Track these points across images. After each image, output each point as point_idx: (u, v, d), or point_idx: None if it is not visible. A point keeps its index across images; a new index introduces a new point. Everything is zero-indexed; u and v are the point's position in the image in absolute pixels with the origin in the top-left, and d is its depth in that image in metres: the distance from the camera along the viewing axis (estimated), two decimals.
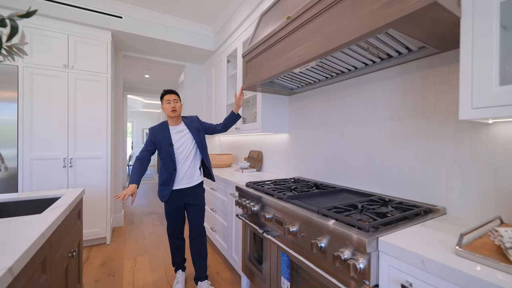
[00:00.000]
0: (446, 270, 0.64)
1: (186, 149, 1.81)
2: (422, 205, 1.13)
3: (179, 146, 1.79)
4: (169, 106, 1.77)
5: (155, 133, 1.80)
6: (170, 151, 1.77)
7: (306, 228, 1.10)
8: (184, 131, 1.84)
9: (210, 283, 1.92)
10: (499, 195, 0.94)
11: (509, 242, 0.63)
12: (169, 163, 1.77)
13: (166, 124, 1.83)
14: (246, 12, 2.39)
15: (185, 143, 1.81)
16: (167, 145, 1.77)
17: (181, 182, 1.81)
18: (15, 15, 0.76)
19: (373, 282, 0.82)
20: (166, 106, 1.78)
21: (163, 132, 1.79)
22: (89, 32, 2.53)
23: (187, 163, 1.82)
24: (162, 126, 1.83)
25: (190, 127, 1.85)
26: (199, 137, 1.86)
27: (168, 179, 1.78)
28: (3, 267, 0.62)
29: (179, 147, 1.79)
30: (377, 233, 0.85)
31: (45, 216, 1.04)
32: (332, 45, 1.06)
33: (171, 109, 1.77)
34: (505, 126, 0.93)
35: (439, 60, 1.13)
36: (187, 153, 1.81)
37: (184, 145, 1.81)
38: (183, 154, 1.80)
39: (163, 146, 1.77)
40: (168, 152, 1.77)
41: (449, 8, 0.77)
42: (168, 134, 1.79)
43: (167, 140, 1.78)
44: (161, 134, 1.79)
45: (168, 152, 1.77)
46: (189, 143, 1.82)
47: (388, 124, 1.36)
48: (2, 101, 2.20)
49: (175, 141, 1.79)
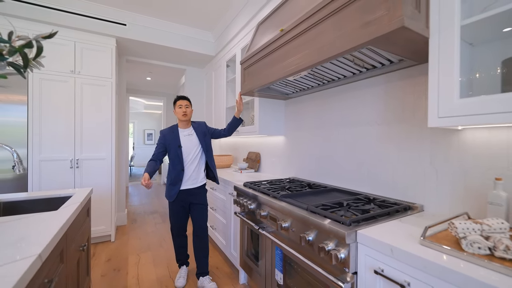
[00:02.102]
0: (409, 256, 0.75)
1: (193, 151, 1.93)
2: (402, 203, 1.24)
3: (186, 148, 1.92)
4: (181, 111, 1.92)
5: (165, 135, 1.95)
6: (179, 152, 1.89)
7: (297, 223, 1.21)
8: (192, 134, 1.97)
9: (211, 278, 2.03)
10: (467, 193, 1.05)
11: (462, 233, 0.74)
12: (177, 163, 1.90)
13: (176, 127, 1.98)
14: (245, 20, 2.51)
15: (192, 145, 1.94)
16: (176, 146, 1.90)
17: (188, 182, 1.93)
18: (40, 37, 0.88)
19: (352, 269, 0.93)
20: (178, 111, 1.93)
21: (172, 134, 1.93)
22: (95, 39, 2.65)
23: (194, 165, 1.94)
24: (172, 128, 1.97)
25: (197, 131, 1.99)
26: (204, 141, 1.98)
27: (176, 178, 1.90)
28: (35, 253, 0.74)
29: (187, 149, 1.92)
30: (357, 227, 0.96)
31: (61, 213, 1.16)
32: (321, 58, 1.18)
33: (182, 113, 1.92)
34: (472, 132, 1.04)
35: (418, 70, 1.24)
36: (193, 155, 1.94)
37: (191, 147, 1.93)
38: (190, 156, 1.92)
39: (172, 147, 1.91)
40: (176, 153, 1.90)
41: (418, 31, 0.88)
42: (177, 136, 1.93)
43: (176, 141, 1.91)
44: (171, 136, 1.93)
45: (176, 153, 1.90)
46: (196, 146, 1.95)
47: (374, 128, 1.47)
48: (13, 104, 2.32)
49: (183, 143, 1.92)
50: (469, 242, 0.71)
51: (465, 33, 0.90)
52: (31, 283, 0.70)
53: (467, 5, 0.97)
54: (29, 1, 2.34)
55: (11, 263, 0.68)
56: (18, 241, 0.83)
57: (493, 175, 0.97)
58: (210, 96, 3.64)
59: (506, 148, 0.94)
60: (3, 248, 0.77)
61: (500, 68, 0.92)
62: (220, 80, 3.22)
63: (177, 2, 2.58)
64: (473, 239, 0.71)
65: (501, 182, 0.88)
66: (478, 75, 0.99)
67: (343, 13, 1.05)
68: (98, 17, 2.62)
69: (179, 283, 1.94)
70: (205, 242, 1.98)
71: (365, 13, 0.96)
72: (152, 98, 6.55)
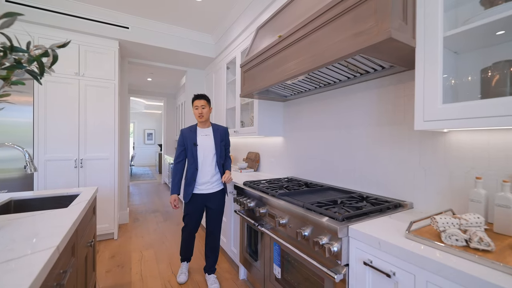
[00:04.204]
0: (395, 248, 0.82)
1: (206, 151, 1.95)
2: (393, 200, 1.32)
3: (201, 147, 1.94)
4: (197, 112, 1.94)
5: (184, 133, 1.98)
6: (194, 150, 1.92)
7: (294, 220, 1.28)
8: (209, 135, 1.99)
9: (216, 276, 2.09)
10: (452, 191, 1.13)
11: (442, 226, 0.82)
12: (192, 162, 1.93)
13: (195, 126, 2.01)
14: (245, 24, 2.58)
15: (206, 145, 1.96)
16: (192, 144, 1.93)
17: (203, 186, 1.94)
18: (55, 46, 0.95)
19: (344, 261, 1.01)
20: (195, 112, 1.96)
21: (190, 133, 1.97)
22: (98, 42, 2.72)
23: (206, 165, 1.95)
24: (192, 127, 2.00)
25: (215, 133, 2.00)
26: (220, 146, 1.99)
27: (190, 178, 1.93)
28: (53, 245, 0.81)
29: (202, 148, 1.94)
30: (349, 223, 1.04)
31: (72, 210, 1.23)
32: (316, 64, 1.25)
33: (198, 115, 1.94)
34: (456, 135, 1.12)
35: (408, 76, 1.32)
36: (206, 155, 1.95)
37: (205, 147, 1.95)
38: (203, 155, 1.94)
39: (189, 145, 1.94)
40: (192, 151, 1.93)
41: (404, 41, 0.95)
42: (195, 135, 1.96)
43: (193, 140, 1.94)
44: (189, 134, 1.96)
45: (192, 151, 1.93)
46: (210, 147, 1.96)
47: (368, 130, 1.55)
48: (20, 105, 2.39)
49: (200, 141, 1.95)
50: (448, 235, 0.78)
51: (449, 43, 0.98)
52: (51, 271, 0.77)
53: (452, 17, 1.05)
54: (35, 5, 2.40)
55: (31, 254, 0.75)
56: (35, 234, 0.90)
57: (475, 175, 1.04)
58: (211, 97, 3.71)
59: (486, 149, 1.01)
60: (23, 241, 0.84)
61: (480, 75, 0.99)
62: (220, 81, 3.29)
63: (179, 5, 2.64)
64: (451, 232, 0.78)
65: (481, 181, 0.95)
66: (461, 81, 1.07)
67: (337, 22, 1.13)
68: (102, 20, 2.69)
69: (181, 279, 2.01)
70: (217, 245, 2.04)
71: (356, 24, 1.03)
72: (152, 98, 6.62)
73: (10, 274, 0.64)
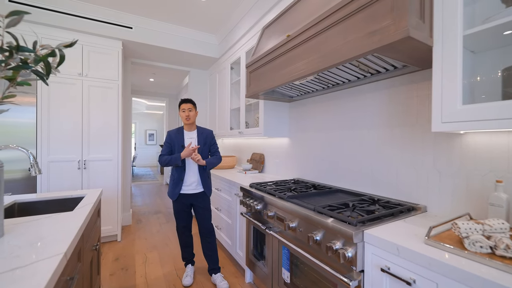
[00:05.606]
0: (415, 255, 0.79)
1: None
2: (406, 203, 1.29)
3: None
4: (184, 115, 2.00)
5: (171, 135, 2.05)
6: (180, 152, 1.98)
7: (304, 224, 1.25)
8: (194, 138, 2.06)
9: (223, 275, 2.08)
10: (469, 195, 1.09)
11: (465, 232, 0.78)
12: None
13: (182, 129, 2.07)
14: (250, 24, 2.55)
15: None
16: (180, 146, 2.00)
17: (190, 186, 2.00)
18: (62, 46, 0.92)
19: (359, 267, 0.97)
20: (182, 114, 2.02)
21: (178, 135, 2.03)
22: (101, 42, 2.70)
23: (193, 166, 2.02)
24: (179, 130, 2.07)
25: (199, 137, 2.06)
26: (202, 150, 2.04)
27: (178, 177, 1.99)
28: (61, 252, 0.78)
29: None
30: (364, 227, 1.00)
31: (78, 213, 1.20)
32: (326, 64, 1.22)
33: (185, 117, 2.00)
34: (473, 136, 1.08)
35: (421, 76, 1.29)
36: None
37: None
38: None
39: (176, 146, 2.01)
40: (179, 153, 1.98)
41: (422, 40, 0.92)
42: (182, 137, 2.03)
43: (180, 142, 2.01)
44: (176, 136, 2.03)
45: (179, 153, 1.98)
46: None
47: (378, 131, 1.51)
48: (23, 105, 2.37)
49: (186, 144, 2.01)
50: (472, 241, 0.75)
51: (467, 42, 0.94)
52: (58, 279, 0.74)
53: (469, 15, 1.02)
54: (39, 5, 2.38)
55: (38, 262, 0.72)
56: (41, 239, 0.87)
57: (494, 178, 1.01)
58: (214, 98, 3.68)
59: (506, 151, 0.98)
60: (29, 247, 0.81)
61: (500, 75, 0.96)
62: (224, 82, 3.26)
63: (182, 5, 2.62)
64: (475, 239, 0.75)
65: (502, 184, 0.92)
66: (480, 81, 1.03)
67: (349, 21, 1.10)
68: (105, 20, 2.67)
69: (186, 282, 1.99)
70: (212, 240, 2.05)
71: (371, 22, 1.00)
72: (154, 98, 6.59)
73: (16, 284, 0.61)
